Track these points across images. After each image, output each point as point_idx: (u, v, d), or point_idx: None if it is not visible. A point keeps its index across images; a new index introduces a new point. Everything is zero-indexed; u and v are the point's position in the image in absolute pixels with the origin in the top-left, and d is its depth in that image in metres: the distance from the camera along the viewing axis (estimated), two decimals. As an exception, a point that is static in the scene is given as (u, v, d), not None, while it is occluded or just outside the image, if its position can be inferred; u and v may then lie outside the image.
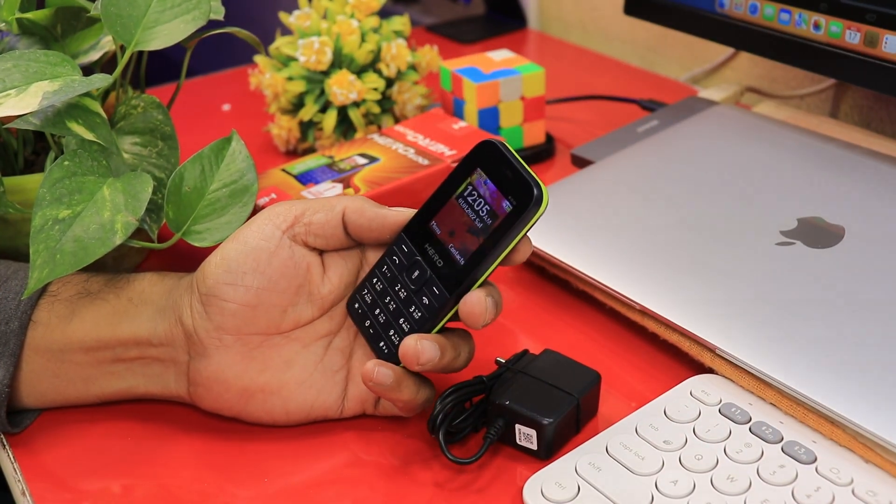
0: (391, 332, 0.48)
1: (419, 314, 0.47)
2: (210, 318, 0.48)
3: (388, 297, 0.49)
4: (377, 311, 0.49)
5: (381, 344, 0.49)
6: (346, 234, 0.49)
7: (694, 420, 0.49)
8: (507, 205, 0.45)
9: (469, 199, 0.47)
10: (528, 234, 0.46)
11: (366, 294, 0.50)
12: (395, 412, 0.50)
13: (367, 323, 0.49)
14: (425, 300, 0.47)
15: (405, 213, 0.49)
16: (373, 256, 0.51)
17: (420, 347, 0.46)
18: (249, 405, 0.50)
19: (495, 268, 0.46)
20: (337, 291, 0.50)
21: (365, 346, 0.51)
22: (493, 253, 0.45)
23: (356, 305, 0.50)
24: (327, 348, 0.50)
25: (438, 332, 0.47)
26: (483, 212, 0.46)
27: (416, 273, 0.48)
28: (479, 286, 0.46)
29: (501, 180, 0.45)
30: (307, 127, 0.80)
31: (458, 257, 0.46)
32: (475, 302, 0.46)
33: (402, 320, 0.48)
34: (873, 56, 0.65)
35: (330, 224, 0.49)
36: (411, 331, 0.47)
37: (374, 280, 0.49)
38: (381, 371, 0.47)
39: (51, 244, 0.48)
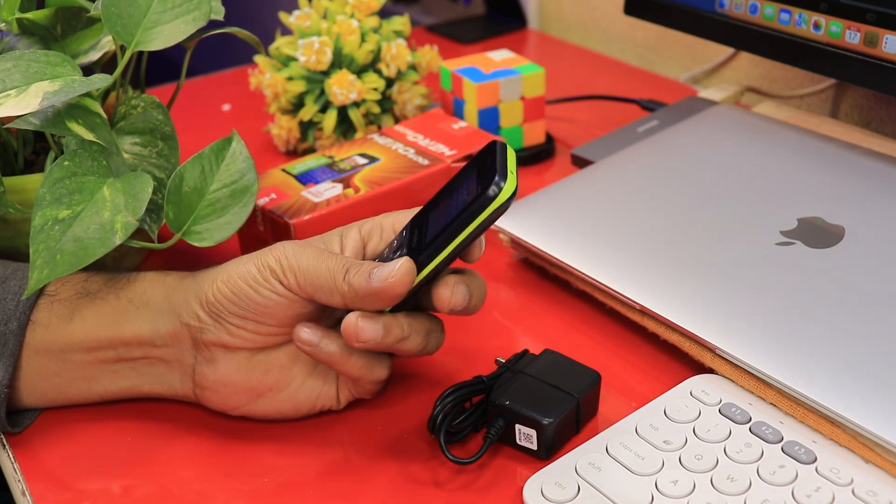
0: None
1: None
2: (216, 331, 0.48)
3: None
4: None
5: None
6: None
7: (694, 420, 0.49)
8: (475, 193, 0.45)
9: (457, 190, 0.47)
10: (482, 236, 0.47)
11: None
12: (363, 394, 0.51)
13: None
14: None
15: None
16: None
17: (360, 325, 0.46)
18: (258, 404, 0.50)
19: (452, 252, 0.46)
20: None
21: None
22: (449, 236, 0.45)
23: None
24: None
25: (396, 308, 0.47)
26: (460, 200, 0.46)
27: (395, 245, 0.49)
28: (436, 266, 0.46)
29: (482, 172, 0.46)
30: (307, 127, 0.80)
31: (427, 238, 0.47)
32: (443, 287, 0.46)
33: None
34: (873, 56, 0.65)
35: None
36: None
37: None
38: (316, 339, 0.47)
39: (51, 244, 0.48)
